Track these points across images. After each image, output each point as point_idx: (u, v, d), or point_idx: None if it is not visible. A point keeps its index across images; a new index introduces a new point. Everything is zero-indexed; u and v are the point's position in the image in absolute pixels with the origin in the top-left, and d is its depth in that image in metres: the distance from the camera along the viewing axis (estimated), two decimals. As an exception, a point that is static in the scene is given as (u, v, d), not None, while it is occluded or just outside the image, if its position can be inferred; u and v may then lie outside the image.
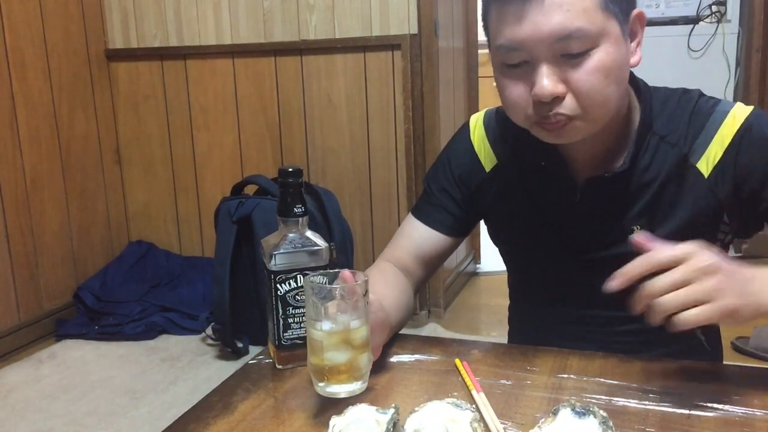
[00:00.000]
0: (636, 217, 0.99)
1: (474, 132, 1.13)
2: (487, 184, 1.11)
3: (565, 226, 1.05)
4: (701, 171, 0.97)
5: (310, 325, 0.82)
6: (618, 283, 0.79)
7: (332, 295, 0.81)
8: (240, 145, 3.17)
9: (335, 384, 0.82)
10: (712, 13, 3.54)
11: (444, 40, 2.98)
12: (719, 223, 1.00)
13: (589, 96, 0.88)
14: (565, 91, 0.88)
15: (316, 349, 0.81)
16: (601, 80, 0.87)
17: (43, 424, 2.23)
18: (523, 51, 0.88)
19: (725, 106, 0.99)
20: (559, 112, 0.88)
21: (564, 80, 0.88)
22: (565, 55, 0.87)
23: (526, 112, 0.92)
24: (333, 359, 0.81)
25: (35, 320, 2.87)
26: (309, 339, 0.83)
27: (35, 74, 2.88)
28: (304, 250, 0.92)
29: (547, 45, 0.86)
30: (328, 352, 0.81)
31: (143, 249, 3.36)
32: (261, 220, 2.58)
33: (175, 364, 2.62)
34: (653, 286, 0.77)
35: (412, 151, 2.86)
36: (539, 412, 0.81)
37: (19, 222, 2.82)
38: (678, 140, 0.98)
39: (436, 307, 3.02)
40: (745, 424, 0.77)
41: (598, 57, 0.87)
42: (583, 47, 0.86)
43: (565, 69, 0.87)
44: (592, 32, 0.86)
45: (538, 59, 0.88)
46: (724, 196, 0.97)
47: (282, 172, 0.91)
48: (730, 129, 0.96)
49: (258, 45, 3.01)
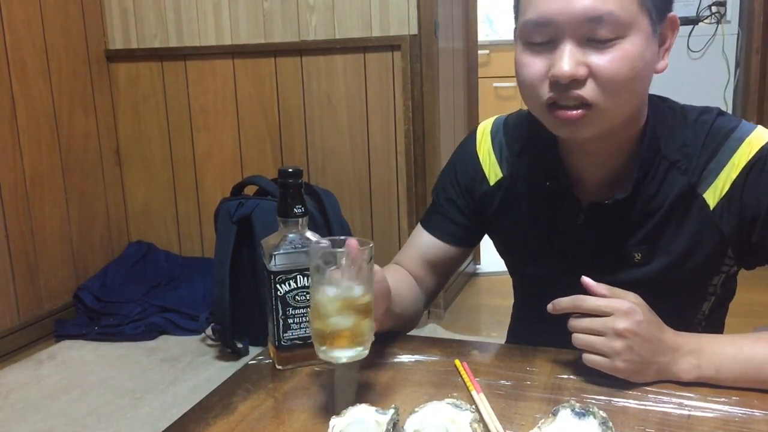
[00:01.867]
0: (638, 243, 0.98)
1: (481, 143, 1.11)
2: (490, 198, 1.09)
3: (567, 247, 1.03)
4: (707, 202, 0.94)
5: (314, 289, 0.81)
6: (551, 310, 0.89)
7: (336, 260, 0.80)
8: (240, 146, 3.17)
9: (337, 349, 0.81)
10: (712, 14, 3.54)
11: (444, 41, 2.98)
12: (723, 257, 0.97)
13: (609, 84, 0.85)
14: (585, 75, 0.85)
15: (320, 313, 0.80)
16: (625, 71, 0.84)
17: (43, 424, 2.23)
18: (550, 27, 0.85)
19: (742, 131, 0.94)
20: (577, 93, 0.85)
21: (586, 64, 0.84)
22: (592, 40, 0.84)
23: (541, 93, 0.88)
24: (335, 324, 0.80)
25: (35, 320, 2.87)
26: (313, 303, 0.82)
27: (35, 74, 2.88)
28: (304, 250, 0.92)
29: (576, 23, 0.83)
30: (331, 317, 0.80)
31: (143, 249, 3.36)
32: (261, 221, 2.58)
33: (175, 365, 2.62)
34: (576, 322, 0.87)
35: (412, 152, 2.86)
36: (539, 412, 0.81)
37: (19, 222, 2.82)
38: (688, 167, 0.94)
39: (436, 308, 3.02)
40: (745, 424, 0.77)
41: (625, 47, 0.84)
42: (612, 33, 0.83)
43: (589, 53, 0.84)
44: (622, 19, 0.83)
45: (563, 38, 0.85)
46: (728, 230, 0.94)
47: (282, 173, 0.91)
48: (741, 159, 0.92)
49: (258, 45, 3.01)
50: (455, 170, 1.13)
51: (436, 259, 1.14)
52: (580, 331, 0.86)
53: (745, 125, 0.95)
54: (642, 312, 0.84)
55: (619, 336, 0.83)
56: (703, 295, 1.01)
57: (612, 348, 0.83)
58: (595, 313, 0.85)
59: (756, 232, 0.93)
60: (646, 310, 0.85)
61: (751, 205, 0.92)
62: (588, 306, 0.85)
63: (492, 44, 4.99)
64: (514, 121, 1.11)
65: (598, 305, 0.85)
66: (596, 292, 0.86)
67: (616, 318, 0.83)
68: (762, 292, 2.89)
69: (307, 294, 0.93)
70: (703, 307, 1.03)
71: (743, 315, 1.57)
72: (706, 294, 1.01)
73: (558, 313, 0.88)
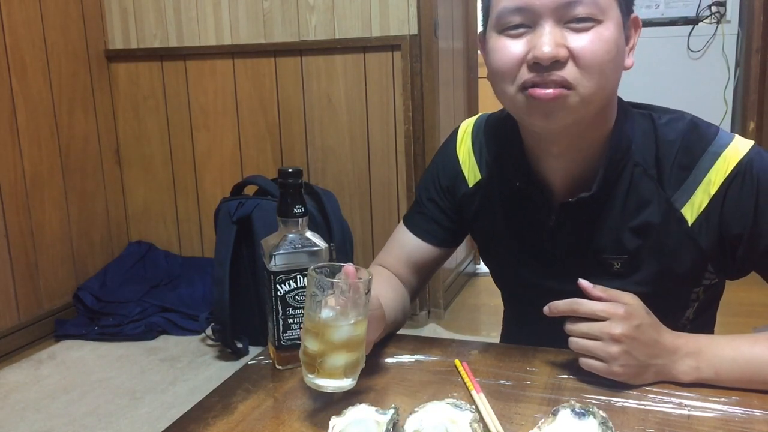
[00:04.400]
0: (616, 254, 0.96)
1: (461, 144, 1.11)
2: (469, 199, 1.09)
3: (542, 250, 1.02)
4: (685, 217, 0.93)
5: (307, 315, 0.81)
6: (548, 313, 0.88)
7: (334, 289, 0.79)
8: (240, 146, 3.17)
9: (324, 378, 0.80)
10: (712, 14, 3.54)
11: (444, 41, 2.98)
12: (703, 271, 0.97)
13: (589, 65, 0.84)
14: (566, 56, 0.84)
15: (310, 339, 0.80)
16: (603, 52, 0.84)
17: (43, 424, 2.23)
18: (527, 11, 0.85)
19: (718, 145, 0.92)
20: (558, 74, 0.84)
21: (566, 46, 0.84)
22: (569, 22, 0.84)
23: (517, 76, 0.87)
24: (324, 353, 0.79)
25: (35, 320, 2.87)
26: (304, 329, 0.81)
27: (35, 74, 2.88)
28: (304, 250, 0.92)
29: (554, 6, 0.83)
30: (321, 345, 0.79)
31: (143, 249, 3.36)
32: (261, 221, 2.58)
33: (174, 365, 2.62)
34: (572, 325, 0.87)
35: (412, 151, 2.86)
36: (539, 412, 0.81)
37: (19, 222, 2.82)
38: (661, 179, 0.93)
39: (435, 308, 3.02)
40: (745, 424, 0.77)
41: (601, 31, 0.84)
42: (588, 13, 0.84)
43: (568, 34, 0.84)
44: (599, 4, 0.84)
45: (541, 20, 0.84)
46: (707, 246, 0.93)
47: (282, 173, 0.91)
48: (718, 176, 0.91)
49: (258, 45, 3.01)
50: (437, 170, 1.13)
51: (419, 259, 1.13)
52: (577, 335, 0.86)
53: (721, 137, 0.93)
54: (639, 315, 0.84)
55: (616, 341, 0.83)
56: (686, 302, 1.01)
57: (609, 353, 0.83)
58: (592, 317, 0.85)
59: (741, 246, 0.92)
60: (643, 312, 0.85)
61: (733, 222, 0.91)
62: (585, 310, 0.85)
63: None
64: (494, 122, 1.10)
65: (594, 310, 0.85)
66: (592, 295, 0.86)
67: (613, 322, 0.83)
68: (761, 292, 2.88)
69: (307, 294, 0.93)
70: (687, 313, 1.03)
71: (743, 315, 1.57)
72: (688, 302, 1.01)
73: (554, 315, 0.87)
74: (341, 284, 0.79)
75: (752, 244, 0.92)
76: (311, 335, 0.80)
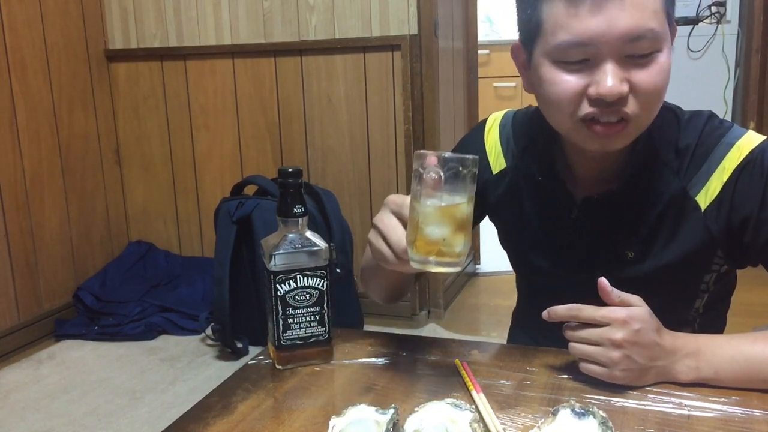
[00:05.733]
0: (631, 243, 0.99)
1: (489, 132, 1.13)
2: (492, 186, 1.11)
3: (563, 241, 1.05)
4: (699, 204, 0.95)
5: (416, 199, 0.79)
6: (546, 318, 0.88)
7: (456, 166, 0.77)
8: (240, 145, 3.17)
9: (432, 256, 0.78)
10: (712, 14, 3.54)
11: (444, 41, 2.98)
12: (713, 256, 0.98)
13: (649, 99, 0.86)
14: (628, 91, 0.85)
15: (434, 225, 0.78)
16: (663, 83, 0.87)
17: (43, 424, 2.23)
18: (589, 47, 0.84)
19: (732, 136, 0.95)
20: (622, 110, 0.86)
21: (627, 80, 0.85)
22: (630, 56, 0.85)
23: (577, 110, 0.88)
24: (431, 232, 0.78)
25: (35, 320, 2.87)
26: (414, 214, 0.79)
27: (35, 74, 2.88)
28: (304, 250, 0.92)
29: (619, 43, 0.83)
30: (430, 226, 0.78)
31: (143, 249, 3.36)
32: (261, 221, 2.58)
33: (174, 365, 2.62)
34: (573, 331, 0.87)
35: (412, 152, 2.86)
36: (539, 412, 0.81)
37: (19, 222, 2.82)
38: (680, 169, 0.96)
39: (436, 308, 3.02)
40: (745, 424, 0.77)
41: (660, 60, 0.86)
42: (651, 49, 0.85)
43: (629, 69, 0.85)
44: (660, 34, 0.85)
45: (604, 57, 0.84)
46: (717, 232, 0.95)
47: (282, 173, 0.91)
48: (731, 163, 0.94)
49: (258, 45, 3.01)
50: (461, 152, 1.13)
51: None
52: (577, 340, 0.86)
53: (735, 130, 0.97)
54: (640, 318, 0.83)
55: (617, 346, 0.83)
56: (696, 292, 1.03)
57: (609, 358, 0.83)
58: (592, 322, 0.85)
59: (747, 233, 0.94)
60: (645, 315, 0.84)
61: (742, 207, 0.93)
62: (585, 316, 0.85)
63: (492, 44, 4.99)
64: (522, 117, 1.13)
65: (594, 316, 0.85)
66: (609, 300, 0.85)
67: (613, 328, 0.83)
68: (761, 292, 2.89)
69: (307, 293, 0.93)
70: (696, 304, 1.04)
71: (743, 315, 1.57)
72: (698, 291, 1.02)
73: (553, 320, 0.88)
74: (468, 158, 0.77)
75: (757, 230, 0.93)
76: (436, 220, 0.78)
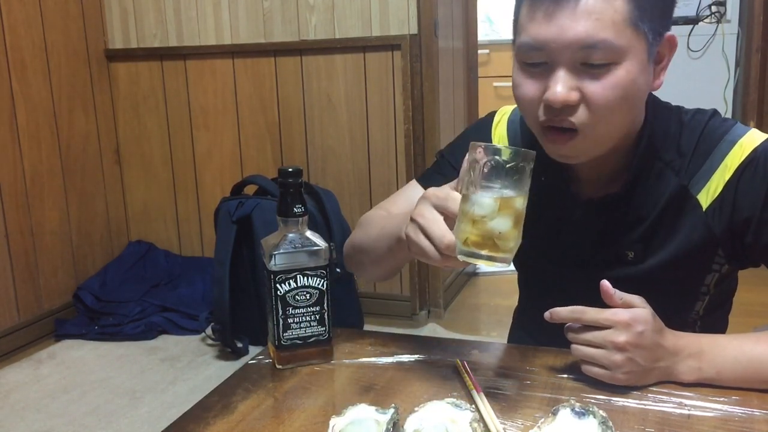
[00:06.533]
0: (632, 242, 0.98)
1: (496, 127, 1.12)
2: None
3: (566, 241, 1.04)
4: (700, 203, 0.95)
5: (470, 191, 0.77)
6: (548, 319, 0.87)
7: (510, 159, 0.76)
8: (240, 145, 3.17)
9: (480, 249, 0.77)
10: (712, 14, 3.54)
11: (444, 40, 2.98)
12: (714, 256, 0.98)
13: (599, 111, 0.86)
14: (577, 101, 0.86)
15: (478, 215, 0.77)
16: (616, 98, 0.85)
17: (43, 424, 2.23)
18: (544, 52, 0.86)
19: (735, 134, 0.95)
20: (568, 119, 0.86)
21: (579, 89, 0.85)
22: (585, 65, 0.85)
23: (536, 114, 0.90)
24: (490, 226, 0.76)
25: (35, 320, 2.87)
26: (467, 206, 0.78)
27: (35, 74, 2.88)
28: (304, 250, 0.92)
29: (569, 51, 0.84)
30: (487, 218, 0.77)
31: (143, 249, 3.36)
32: (261, 220, 2.58)
33: (174, 364, 2.62)
34: (575, 332, 0.87)
35: (412, 151, 2.86)
36: (539, 412, 0.81)
37: (19, 222, 2.82)
38: (681, 168, 0.96)
39: (436, 308, 3.02)
40: (745, 424, 0.77)
41: (618, 74, 0.85)
42: (605, 60, 0.84)
43: (583, 78, 0.85)
44: (616, 46, 0.83)
45: (557, 63, 0.86)
46: (719, 231, 0.95)
47: (282, 172, 0.91)
48: (734, 161, 0.93)
49: (258, 45, 3.01)
50: (467, 141, 1.12)
51: None
52: (580, 342, 0.86)
53: (738, 127, 0.96)
54: (643, 321, 0.83)
55: (620, 350, 0.83)
56: (696, 294, 1.02)
57: (612, 361, 0.83)
58: (595, 325, 0.85)
59: (750, 232, 0.93)
60: (648, 317, 0.84)
61: (744, 206, 0.93)
62: (588, 318, 0.85)
63: (492, 44, 4.98)
64: None
65: (597, 318, 0.84)
66: (612, 302, 0.85)
67: (616, 331, 0.83)
68: (762, 292, 2.89)
69: (307, 293, 0.93)
70: (696, 306, 1.03)
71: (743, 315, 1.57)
72: (698, 293, 1.02)
73: (555, 322, 0.87)
74: (530, 153, 0.77)
75: (759, 230, 0.92)
76: (494, 212, 0.77)
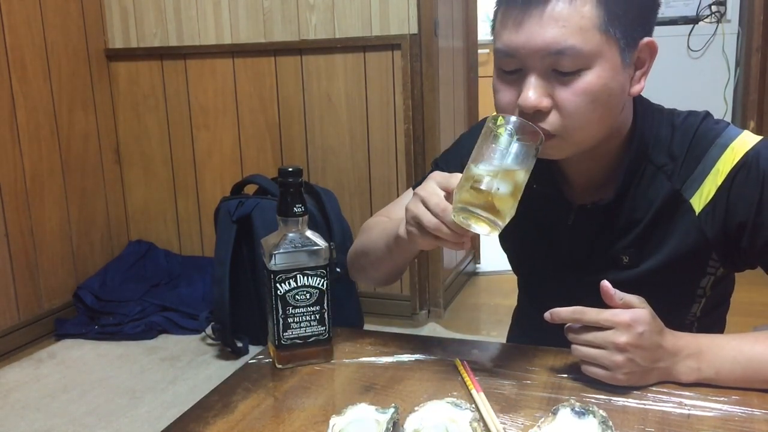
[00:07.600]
0: (626, 247, 0.99)
1: None
2: None
3: (560, 246, 1.05)
4: (693, 207, 0.95)
5: (480, 155, 0.80)
6: (549, 319, 0.87)
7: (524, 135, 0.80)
8: (240, 145, 3.17)
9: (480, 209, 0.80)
10: (712, 13, 3.54)
11: (444, 40, 2.98)
12: (707, 260, 0.98)
13: (571, 117, 0.87)
14: (549, 106, 0.87)
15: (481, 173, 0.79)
16: (586, 103, 0.86)
17: (43, 423, 2.23)
18: (516, 59, 0.87)
19: (726, 137, 0.94)
20: (540, 126, 0.86)
21: (551, 95, 0.86)
22: (556, 71, 0.86)
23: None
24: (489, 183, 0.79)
25: (35, 320, 2.87)
26: (472, 170, 0.80)
27: (35, 74, 2.88)
28: (304, 249, 0.92)
29: (538, 57, 0.85)
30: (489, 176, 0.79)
31: (143, 249, 3.36)
32: (261, 220, 2.58)
33: (174, 364, 2.62)
34: (576, 332, 0.86)
35: (412, 151, 2.86)
36: (539, 412, 0.81)
37: (19, 222, 2.82)
38: (673, 171, 0.95)
39: (435, 307, 3.02)
40: (745, 424, 0.77)
41: (587, 79, 0.85)
42: (574, 66, 0.85)
43: (554, 84, 0.86)
44: (584, 52, 0.84)
45: (528, 69, 0.87)
46: (712, 235, 0.94)
47: (282, 172, 0.91)
48: (725, 166, 0.92)
49: (258, 45, 3.01)
50: (462, 148, 1.12)
51: None
52: (580, 343, 0.86)
53: (730, 130, 0.95)
54: (643, 321, 0.83)
55: (620, 350, 0.83)
56: (692, 297, 1.02)
57: (613, 362, 0.83)
58: (596, 326, 0.85)
59: (745, 237, 0.93)
60: (648, 317, 0.84)
61: (738, 211, 0.92)
62: (588, 319, 0.85)
63: (492, 43, 4.98)
64: None
65: (597, 319, 0.84)
66: (612, 303, 0.85)
67: (617, 332, 0.83)
68: (761, 292, 2.89)
69: (307, 293, 0.93)
70: (693, 308, 1.04)
71: (743, 315, 1.57)
72: (694, 296, 1.02)
73: (555, 322, 0.87)
74: (541, 135, 0.81)
75: (754, 234, 0.92)
76: (497, 174, 0.79)
